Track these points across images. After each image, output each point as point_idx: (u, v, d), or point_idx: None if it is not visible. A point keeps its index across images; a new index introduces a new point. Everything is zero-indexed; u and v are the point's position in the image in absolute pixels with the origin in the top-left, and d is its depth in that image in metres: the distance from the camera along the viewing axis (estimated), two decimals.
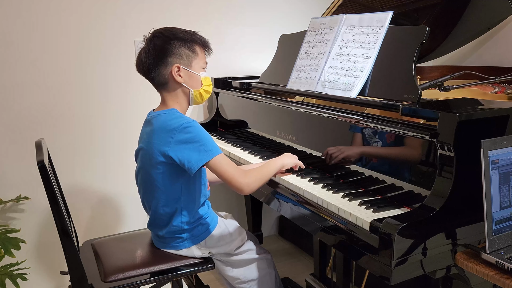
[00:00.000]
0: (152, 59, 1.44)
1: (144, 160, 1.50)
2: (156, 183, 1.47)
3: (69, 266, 1.38)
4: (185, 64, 1.46)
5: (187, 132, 1.40)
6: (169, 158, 1.41)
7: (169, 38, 1.44)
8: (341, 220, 1.27)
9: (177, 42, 1.44)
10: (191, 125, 1.41)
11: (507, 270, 1.03)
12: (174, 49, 1.44)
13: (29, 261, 2.14)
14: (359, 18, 1.66)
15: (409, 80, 1.42)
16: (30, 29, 2.12)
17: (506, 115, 1.22)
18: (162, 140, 1.41)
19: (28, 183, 2.17)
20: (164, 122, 1.44)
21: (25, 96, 2.15)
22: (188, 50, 1.46)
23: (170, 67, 1.44)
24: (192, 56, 1.47)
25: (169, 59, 1.44)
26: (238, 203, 2.80)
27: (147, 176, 1.50)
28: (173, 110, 1.47)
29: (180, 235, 1.52)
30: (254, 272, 1.65)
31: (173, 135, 1.40)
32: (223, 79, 2.42)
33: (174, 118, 1.44)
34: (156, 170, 1.45)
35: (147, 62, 1.44)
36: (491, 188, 1.09)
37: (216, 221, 1.59)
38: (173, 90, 1.49)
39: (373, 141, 1.41)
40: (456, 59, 2.33)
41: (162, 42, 1.44)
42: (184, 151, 1.39)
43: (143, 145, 1.50)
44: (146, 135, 1.49)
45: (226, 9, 2.56)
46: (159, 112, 1.49)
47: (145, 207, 1.60)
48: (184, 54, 1.45)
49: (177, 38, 1.45)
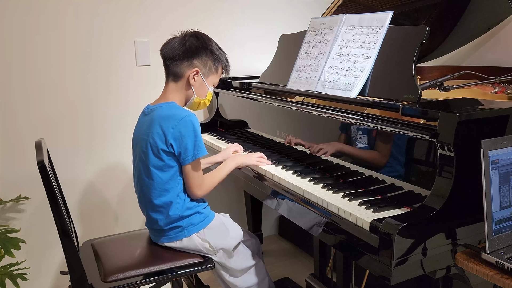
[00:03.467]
0: (182, 51, 1.54)
1: (140, 149, 1.55)
2: (150, 172, 1.52)
3: (69, 266, 1.38)
4: (203, 73, 1.58)
5: (188, 125, 1.49)
6: (169, 145, 1.48)
7: (206, 45, 1.57)
8: (341, 220, 1.27)
9: (209, 52, 1.58)
10: (193, 119, 1.50)
11: (507, 270, 1.03)
12: (204, 56, 1.57)
13: (29, 261, 2.14)
14: (359, 18, 1.66)
15: (409, 80, 1.42)
16: (30, 29, 2.12)
17: (506, 115, 1.22)
18: (164, 128, 1.49)
19: (28, 183, 2.17)
20: (167, 112, 1.52)
21: (25, 96, 2.15)
22: (213, 64, 1.60)
23: (191, 68, 1.55)
24: (213, 71, 1.61)
25: (195, 61, 1.55)
26: (238, 203, 2.80)
27: (142, 165, 1.55)
28: (173, 103, 1.56)
29: (178, 223, 1.55)
30: (253, 278, 1.68)
31: (175, 125, 1.48)
32: (223, 79, 2.41)
33: (177, 109, 1.54)
34: (151, 158, 1.51)
35: (177, 51, 1.54)
36: (491, 188, 1.09)
37: (213, 213, 1.65)
38: (181, 86, 1.58)
39: (373, 141, 1.41)
40: (456, 59, 2.33)
41: (198, 44, 1.56)
42: (182, 140, 1.48)
43: (141, 134, 1.56)
44: (145, 125, 1.55)
45: (226, 9, 2.56)
46: (159, 104, 1.57)
47: (141, 202, 1.62)
48: (208, 65, 1.59)
49: (211, 49, 1.58)
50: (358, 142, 1.46)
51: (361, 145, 1.45)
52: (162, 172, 1.51)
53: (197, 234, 1.57)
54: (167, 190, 1.53)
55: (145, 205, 1.60)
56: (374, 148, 1.41)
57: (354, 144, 1.48)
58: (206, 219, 1.60)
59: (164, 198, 1.53)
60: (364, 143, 1.44)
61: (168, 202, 1.53)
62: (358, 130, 1.45)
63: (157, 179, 1.52)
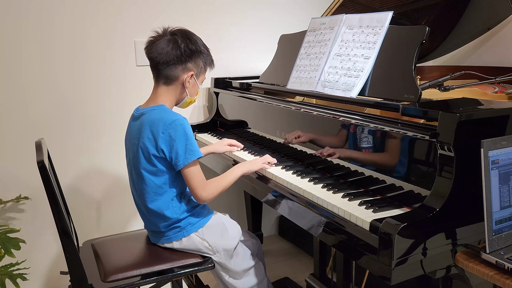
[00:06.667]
0: (177, 55, 1.50)
1: (132, 154, 1.55)
2: (143, 176, 1.51)
3: (69, 266, 1.38)
4: (196, 74, 1.57)
5: (178, 129, 1.46)
6: (160, 150, 1.46)
7: (199, 47, 1.54)
8: (341, 220, 1.27)
9: (201, 54, 1.56)
10: (183, 122, 1.48)
11: (507, 270, 1.03)
12: (197, 58, 1.54)
13: (29, 261, 2.14)
14: (359, 18, 1.66)
15: (409, 80, 1.42)
16: (30, 29, 2.12)
17: (506, 115, 1.22)
18: (154, 133, 1.47)
19: (28, 183, 2.17)
20: (157, 116, 1.49)
21: (25, 96, 2.15)
22: (203, 64, 1.58)
23: (186, 72, 1.53)
24: (202, 70, 1.59)
25: (190, 65, 1.53)
26: (238, 203, 2.80)
27: (134, 169, 1.55)
28: (163, 106, 1.54)
29: (176, 224, 1.55)
30: (252, 280, 1.68)
31: (165, 129, 1.46)
32: (223, 79, 2.42)
33: (167, 113, 1.50)
34: (143, 162, 1.50)
35: (171, 56, 1.49)
36: (491, 188, 1.09)
37: (211, 212, 1.65)
38: (173, 88, 1.55)
39: (372, 141, 1.41)
40: (456, 59, 2.34)
41: (194, 47, 1.53)
42: (173, 145, 1.45)
43: (132, 138, 1.55)
44: (136, 130, 1.53)
45: (226, 9, 2.56)
46: (149, 108, 1.54)
47: (138, 205, 1.62)
48: (200, 66, 1.57)
49: (201, 50, 1.55)
50: (358, 142, 1.46)
51: (361, 145, 1.45)
52: (155, 177, 1.50)
53: (196, 233, 1.57)
54: (160, 194, 1.52)
55: (141, 209, 1.59)
56: (374, 148, 1.41)
57: (354, 144, 1.48)
58: (204, 218, 1.60)
59: (158, 203, 1.52)
60: (364, 143, 1.44)
61: (162, 206, 1.52)
62: (358, 130, 1.45)
63: (150, 183, 1.51)
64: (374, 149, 1.41)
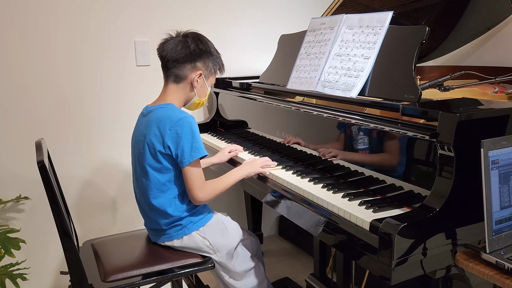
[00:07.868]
0: (186, 54, 1.54)
1: (138, 150, 1.56)
2: (147, 172, 1.52)
3: (69, 266, 1.38)
4: (205, 75, 1.60)
5: (185, 126, 1.49)
6: (167, 147, 1.48)
7: (208, 47, 1.59)
8: (341, 220, 1.26)
9: (211, 55, 1.60)
10: (190, 120, 1.50)
11: (507, 270, 1.03)
12: (207, 59, 1.59)
13: (29, 261, 2.14)
14: (359, 18, 1.66)
15: (409, 80, 1.42)
16: (30, 29, 2.12)
17: (506, 115, 1.22)
18: (161, 130, 1.49)
19: (28, 183, 2.17)
20: (165, 113, 1.52)
21: (25, 96, 2.15)
22: (213, 66, 1.62)
23: (195, 71, 1.57)
24: (212, 72, 1.63)
25: (199, 64, 1.57)
26: (238, 203, 2.80)
27: (139, 165, 1.56)
28: (171, 105, 1.56)
29: (178, 222, 1.56)
30: (253, 280, 1.68)
31: (172, 127, 1.48)
32: (223, 79, 2.41)
33: (174, 111, 1.54)
34: (148, 158, 1.52)
35: (181, 54, 1.54)
36: (491, 188, 1.09)
37: (212, 211, 1.66)
38: (182, 87, 1.59)
39: (373, 141, 1.41)
40: (456, 59, 2.34)
41: (203, 47, 1.57)
42: (180, 142, 1.48)
43: (139, 135, 1.57)
44: (143, 127, 1.56)
45: (226, 9, 2.56)
46: (157, 106, 1.57)
47: (140, 203, 1.63)
48: (209, 67, 1.61)
49: (211, 51, 1.60)
50: (358, 142, 1.46)
51: (361, 145, 1.45)
52: (159, 174, 1.52)
53: (197, 232, 1.58)
54: (163, 191, 1.53)
55: (143, 206, 1.60)
56: (374, 148, 1.41)
57: (354, 144, 1.48)
58: (205, 217, 1.61)
59: (161, 200, 1.54)
60: (364, 143, 1.44)
61: (164, 204, 1.54)
62: (358, 130, 1.45)
63: (154, 180, 1.52)
64: (374, 149, 1.41)
